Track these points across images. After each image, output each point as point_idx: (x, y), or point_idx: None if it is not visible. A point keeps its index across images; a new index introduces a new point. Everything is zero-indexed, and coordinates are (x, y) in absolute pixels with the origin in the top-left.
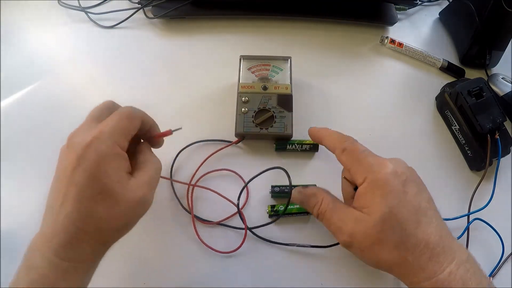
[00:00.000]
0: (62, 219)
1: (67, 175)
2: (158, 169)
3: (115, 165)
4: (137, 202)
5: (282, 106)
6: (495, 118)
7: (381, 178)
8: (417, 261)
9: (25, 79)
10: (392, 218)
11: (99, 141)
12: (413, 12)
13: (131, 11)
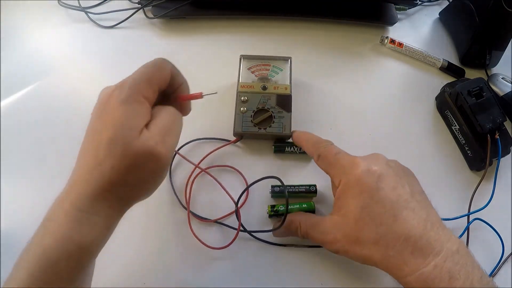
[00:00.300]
0: (80, 166)
1: (92, 125)
2: (172, 119)
3: (132, 114)
4: (143, 155)
5: (281, 106)
6: (495, 118)
7: (353, 178)
8: (399, 256)
9: (25, 79)
10: (365, 216)
11: (120, 89)
12: (413, 12)
13: (131, 11)
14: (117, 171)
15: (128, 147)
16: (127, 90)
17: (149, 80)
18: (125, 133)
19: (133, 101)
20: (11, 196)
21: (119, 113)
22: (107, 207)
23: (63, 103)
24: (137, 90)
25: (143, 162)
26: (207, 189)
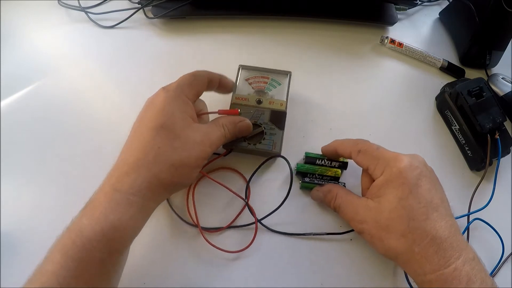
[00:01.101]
0: (124, 152)
1: (139, 119)
2: (220, 132)
3: (179, 107)
4: (195, 141)
5: (274, 122)
6: (495, 118)
7: (396, 170)
8: (423, 253)
9: (25, 79)
10: (401, 208)
11: (166, 90)
12: (413, 12)
13: (131, 11)
14: (165, 151)
15: (180, 132)
16: (173, 90)
17: (190, 84)
18: (176, 121)
19: (179, 98)
20: (11, 196)
21: (168, 106)
22: (146, 188)
23: (63, 103)
24: (181, 90)
25: (192, 146)
26: (206, 199)
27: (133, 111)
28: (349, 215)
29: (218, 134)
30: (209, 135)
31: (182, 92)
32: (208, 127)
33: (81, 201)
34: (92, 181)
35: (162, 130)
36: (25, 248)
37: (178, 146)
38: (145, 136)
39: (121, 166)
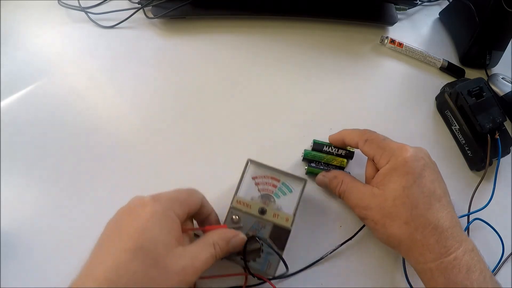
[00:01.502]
0: (94, 262)
1: (116, 227)
2: (209, 253)
3: (165, 227)
4: (175, 272)
5: (274, 240)
6: (495, 118)
7: (401, 160)
8: (425, 241)
9: (24, 79)
10: (405, 195)
11: (156, 202)
12: (413, 12)
13: (131, 11)
14: (139, 278)
15: (159, 260)
16: (162, 204)
17: (181, 202)
18: (158, 246)
19: (167, 216)
20: (11, 195)
21: (152, 224)
22: None
23: (63, 103)
24: (171, 206)
25: (170, 277)
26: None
27: (132, 111)
28: (354, 201)
29: (207, 255)
30: (195, 259)
31: (172, 208)
32: (195, 249)
33: (80, 202)
34: (91, 181)
35: (140, 253)
36: (25, 248)
37: (155, 276)
38: (121, 255)
39: (88, 281)
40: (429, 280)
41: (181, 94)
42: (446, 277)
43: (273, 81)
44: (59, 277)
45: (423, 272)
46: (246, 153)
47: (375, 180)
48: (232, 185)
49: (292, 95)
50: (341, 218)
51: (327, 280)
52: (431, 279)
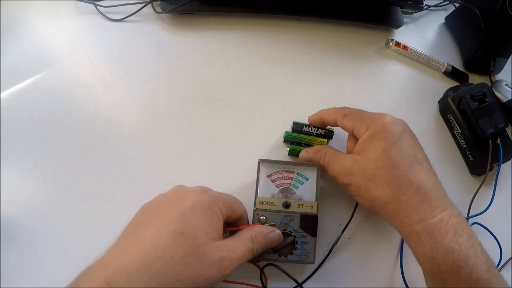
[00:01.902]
0: (131, 243)
1: (156, 210)
2: (247, 247)
3: (208, 219)
4: (212, 262)
5: (305, 229)
6: (497, 124)
7: (380, 125)
8: (409, 202)
9: (31, 69)
10: (385, 157)
11: (203, 193)
12: (419, 16)
13: (140, 5)
14: (175, 263)
15: (198, 249)
16: (209, 197)
17: (227, 202)
18: (199, 235)
19: (211, 209)
20: (12, 185)
21: (197, 213)
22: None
23: (68, 94)
24: (216, 202)
25: (205, 267)
26: None
27: (137, 104)
28: (338, 169)
29: (244, 249)
30: (232, 253)
31: (217, 204)
32: (233, 243)
33: (81, 193)
34: (93, 174)
35: (180, 238)
36: (25, 236)
37: (191, 263)
38: (160, 238)
39: (121, 259)
40: (416, 244)
41: (186, 89)
42: (433, 239)
43: (278, 80)
44: (59, 266)
45: (409, 236)
46: (252, 150)
47: (356, 148)
48: (240, 181)
49: (296, 94)
50: (340, 217)
51: (326, 280)
52: (418, 242)
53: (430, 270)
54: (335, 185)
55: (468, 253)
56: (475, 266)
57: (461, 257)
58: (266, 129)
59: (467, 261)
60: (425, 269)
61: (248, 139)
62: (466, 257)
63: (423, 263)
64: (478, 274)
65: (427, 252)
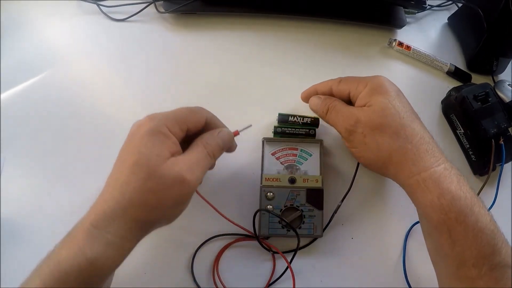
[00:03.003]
0: (105, 188)
1: (120, 152)
2: (202, 153)
3: (158, 142)
4: (172, 178)
5: (311, 203)
6: (500, 124)
7: (380, 82)
8: (416, 150)
9: (33, 69)
10: (391, 107)
11: (150, 120)
12: (422, 16)
13: (143, 5)
14: (139, 191)
15: (154, 171)
16: (156, 122)
17: (179, 118)
18: (151, 158)
19: (159, 132)
20: (13, 184)
21: (145, 140)
22: (124, 228)
23: (70, 94)
24: (164, 123)
25: (168, 185)
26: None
27: (140, 104)
28: (344, 114)
29: (200, 156)
30: (189, 164)
31: (165, 125)
32: (187, 155)
33: (82, 193)
34: (94, 173)
35: (136, 168)
36: (25, 235)
37: (152, 186)
38: (121, 174)
39: (100, 204)
40: (423, 193)
41: (189, 88)
42: (440, 186)
43: (281, 80)
44: None
45: (417, 185)
46: (254, 150)
47: (358, 103)
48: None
49: (297, 94)
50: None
51: (327, 279)
52: (426, 190)
53: (437, 220)
54: (339, 160)
55: (473, 201)
56: (480, 215)
57: (467, 204)
58: (269, 129)
59: (473, 209)
60: (432, 220)
61: (250, 139)
62: (471, 205)
63: (430, 214)
64: (483, 223)
65: (435, 201)
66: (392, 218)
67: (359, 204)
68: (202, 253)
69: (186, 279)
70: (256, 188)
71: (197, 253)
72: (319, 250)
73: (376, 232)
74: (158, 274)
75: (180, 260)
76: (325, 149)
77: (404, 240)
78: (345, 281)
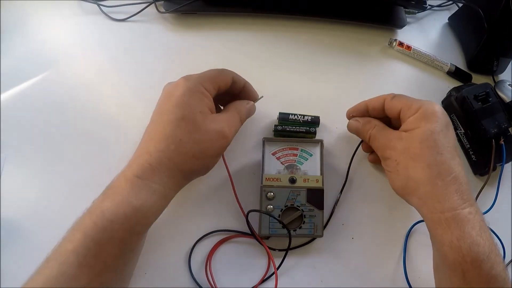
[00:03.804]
0: (145, 141)
1: (158, 109)
2: (236, 117)
3: (198, 100)
4: (215, 132)
5: (312, 203)
6: (501, 124)
7: (432, 109)
8: (445, 188)
9: (33, 69)
10: (432, 139)
11: (186, 80)
12: (423, 16)
13: (143, 5)
14: (185, 143)
15: (199, 125)
16: (193, 81)
17: (211, 78)
18: (195, 113)
19: (198, 91)
20: (14, 184)
21: (187, 98)
22: (167, 177)
23: (71, 94)
24: (200, 82)
25: (211, 138)
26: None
27: (140, 104)
28: (382, 141)
29: (235, 119)
30: (228, 122)
31: (201, 84)
32: (226, 115)
33: (83, 194)
34: (96, 172)
35: (182, 122)
36: (26, 237)
37: (199, 138)
38: (166, 128)
39: (142, 155)
40: (444, 231)
41: None
42: (462, 230)
43: (281, 79)
44: None
45: (438, 222)
46: (254, 150)
47: (404, 127)
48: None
49: (299, 94)
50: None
51: (327, 279)
52: (446, 229)
53: (453, 260)
54: (339, 160)
55: (490, 248)
56: (495, 263)
57: (485, 251)
58: (269, 129)
59: (490, 256)
60: (448, 259)
61: (250, 139)
62: (489, 252)
63: (447, 253)
64: (497, 271)
65: (454, 242)
66: (393, 218)
67: (360, 204)
68: (200, 252)
69: (185, 280)
70: (256, 188)
71: (195, 249)
72: (319, 250)
73: (377, 232)
74: (158, 274)
75: (179, 258)
76: (326, 149)
77: (404, 240)
78: (345, 281)
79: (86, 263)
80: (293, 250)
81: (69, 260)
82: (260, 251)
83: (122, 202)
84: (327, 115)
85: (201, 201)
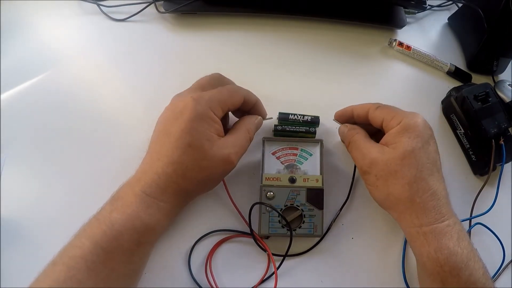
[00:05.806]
0: (154, 162)
1: (165, 128)
2: (245, 138)
3: (206, 125)
4: (221, 159)
5: (312, 203)
6: (501, 124)
7: (413, 123)
8: (423, 205)
9: (33, 69)
10: (412, 156)
11: (196, 103)
12: (422, 16)
13: (143, 5)
14: (191, 170)
15: (206, 153)
16: (202, 105)
17: (221, 102)
18: (203, 141)
19: (207, 116)
20: (14, 186)
21: (196, 124)
22: (174, 196)
23: (71, 95)
24: (209, 106)
25: (217, 164)
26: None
27: (140, 105)
28: (362, 151)
29: (244, 141)
30: (235, 147)
31: (210, 108)
32: (234, 137)
33: (83, 194)
34: (94, 173)
35: (189, 149)
36: (26, 236)
37: (205, 165)
38: (174, 153)
39: (150, 175)
40: (421, 244)
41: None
42: (439, 242)
43: (281, 80)
44: None
45: (416, 236)
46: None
47: (385, 139)
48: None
49: (298, 94)
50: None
51: (327, 279)
52: (424, 243)
53: (431, 270)
54: (339, 160)
55: (468, 256)
56: (474, 270)
57: (462, 259)
58: (269, 128)
59: (468, 263)
60: (427, 269)
61: None
62: (467, 260)
63: (426, 264)
64: (475, 277)
65: (432, 253)
66: (392, 218)
67: (360, 204)
68: (200, 252)
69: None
70: (256, 188)
71: (195, 249)
72: (319, 250)
73: (376, 232)
74: (158, 274)
75: (179, 258)
76: (326, 148)
77: (404, 241)
78: (345, 281)
79: (94, 268)
80: (293, 250)
81: (78, 266)
82: (260, 251)
83: (131, 215)
84: (327, 115)
85: (200, 201)
